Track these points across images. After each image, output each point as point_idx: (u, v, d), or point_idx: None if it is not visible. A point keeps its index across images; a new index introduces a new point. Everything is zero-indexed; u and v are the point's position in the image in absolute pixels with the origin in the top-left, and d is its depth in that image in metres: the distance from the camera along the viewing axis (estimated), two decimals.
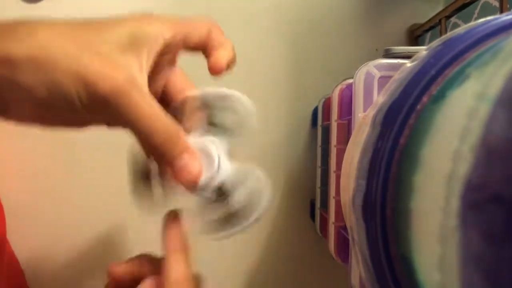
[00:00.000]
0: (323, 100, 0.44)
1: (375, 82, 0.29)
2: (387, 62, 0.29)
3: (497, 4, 0.36)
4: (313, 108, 0.50)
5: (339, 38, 0.50)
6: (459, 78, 0.17)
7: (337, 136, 0.36)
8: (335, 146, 0.36)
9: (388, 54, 0.29)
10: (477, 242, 0.13)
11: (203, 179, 0.24)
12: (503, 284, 0.12)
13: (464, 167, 0.13)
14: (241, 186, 0.26)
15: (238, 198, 0.25)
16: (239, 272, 0.50)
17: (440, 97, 0.17)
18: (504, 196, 0.12)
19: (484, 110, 0.13)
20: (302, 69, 0.50)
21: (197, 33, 0.27)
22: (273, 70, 0.49)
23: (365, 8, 0.50)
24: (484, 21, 0.19)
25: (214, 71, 0.27)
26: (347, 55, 0.50)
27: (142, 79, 0.23)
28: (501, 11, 0.35)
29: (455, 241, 0.13)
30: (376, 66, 0.28)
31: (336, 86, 0.38)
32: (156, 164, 0.26)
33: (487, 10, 0.38)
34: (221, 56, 0.27)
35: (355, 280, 0.28)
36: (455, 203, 0.14)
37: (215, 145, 0.25)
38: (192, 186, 0.24)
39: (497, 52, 0.16)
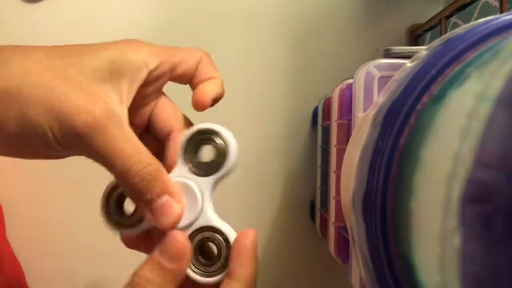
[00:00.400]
0: (323, 100, 0.44)
1: (375, 82, 0.29)
2: (387, 62, 0.29)
3: (497, 4, 0.36)
4: (313, 108, 0.50)
5: (339, 38, 0.50)
6: (459, 78, 0.17)
7: (337, 136, 0.36)
8: (335, 146, 0.36)
9: (388, 54, 0.29)
10: (477, 243, 0.13)
11: (183, 221, 0.23)
12: (504, 284, 0.12)
13: (464, 167, 0.13)
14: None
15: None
16: None
17: (440, 97, 0.17)
18: (504, 197, 0.12)
19: (484, 110, 0.13)
20: (302, 69, 0.50)
21: (185, 64, 0.25)
22: (273, 69, 0.49)
23: (365, 8, 0.50)
24: (484, 21, 0.19)
25: (197, 106, 0.25)
26: (347, 55, 0.50)
27: (122, 112, 0.22)
28: (501, 11, 0.35)
29: (455, 241, 0.13)
30: (376, 66, 0.28)
31: (336, 86, 0.38)
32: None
33: (487, 10, 0.38)
34: (208, 90, 0.25)
35: (355, 280, 0.28)
36: (455, 203, 0.14)
37: (199, 185, 0.23)
38: (171, 228, 0.22)
39: (497, 52, 0.16)
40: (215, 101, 0.26)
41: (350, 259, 0.30)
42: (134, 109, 0.24)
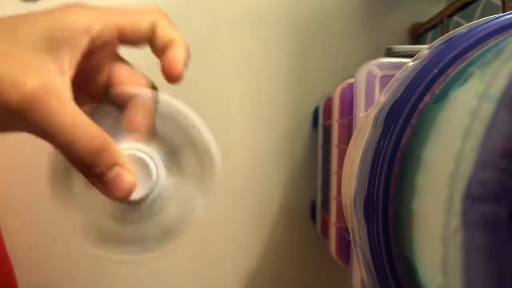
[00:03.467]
0: (324, 99, 0.44)
1: (376, 81, 0.28)
2: (388, 61, 0.28)
3: (499, 3, 0.36)
4: (314, 108, 0.50)
5: (340, 37, 0.50)
6: (461, 77, 0.17)
7: (338, 136, 0.36)
8: (336, 146, 0.36)
9: (389, 53, 0.29)
10: (479, 243, 0.13)
11: (138, 193, 0.22)
12: (508, 285, 0.12)
13: (466, 167, 0.13)
14: (173, 202, 0.23)
15: (169, 213, 0.23)
16: (239, 273, 0.50)
17: (442, 96, 0.17)
18: (506, 197, 0.12)
19: (486, 109, 0.13)
20: (303, 69, 0.50)
21: (137, 26, 0.23)
22: (274, 69, 0.49)
23: (366, 7, 0.50)
24: (486, 20, 0.19)
25: (171, 76, 0.23)
26: (348, 54, 0.50)
27: (63, 83, 0.20)
28: (503, 10, 0.35)
29: (457, 242, 0.13)
30: (377, 65, 0.28)
31: (337, 85, 0.38)
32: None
33: (489, 9, 0.38)
34: (177, 57, 0.23)
35: (356, 281, 0.28)
36: (457, 203, 0.13)
37: (154, 158, 0.22)
38: (124, 199, 0.21)
39: (499, 51, 0.16)
40: (186, 65, 0.23)
41: (351, 260, 0.30)
42: (85, 78, 0.23)
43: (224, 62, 0.49)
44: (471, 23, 0.20)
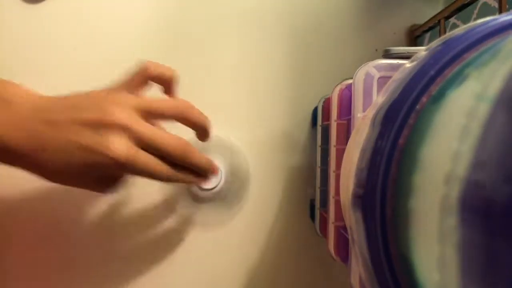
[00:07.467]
0: (323, 100, 0.44)
1: (374, 82, 0.29)
2: (386, 63, 0.29)
3: (496, 4, 0.37)
4: (313, 108, 0.50)
5: (339, 38, 0.50)
6: (458, 78, 0.17)
7: (337, 136, 0.36)
8: (334, 146, 0.36)
9: (387, 55, 0.29)
10: (476, 242, 0.13)
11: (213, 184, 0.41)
12: (503, 284, 0.12)
13: (463, 167, 0.14)
14: (227, 194, 0.46)
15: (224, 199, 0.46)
16: (237, 272, 0.50)
17: (439, 97, 0.17)
18: (503, 196, 0.12)
19: (483, 110, 0.13)
20: (302, 69, 0.50)
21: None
22: (273, 70, 0.49)
23: (364, 8, 0.50)
24: (483, 21, 0.19)
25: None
26: (346, 55, 0.50)
27: None
28: (500, 12, 0.35)
29: (454, 241, 0.13)
30: (375, 67, 0.28)
31: (336, 86, 0.38)
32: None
33: (486, 10, 0.38)
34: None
35: (354, 280, 0.28)
36: (454, 203, 0.14)
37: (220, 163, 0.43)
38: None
39: (496, 52, 0.16)
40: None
41: (349, 258, 0.30)
42: None
43: (223, 63, 0.49)
44: (468, 24, 0.20)
